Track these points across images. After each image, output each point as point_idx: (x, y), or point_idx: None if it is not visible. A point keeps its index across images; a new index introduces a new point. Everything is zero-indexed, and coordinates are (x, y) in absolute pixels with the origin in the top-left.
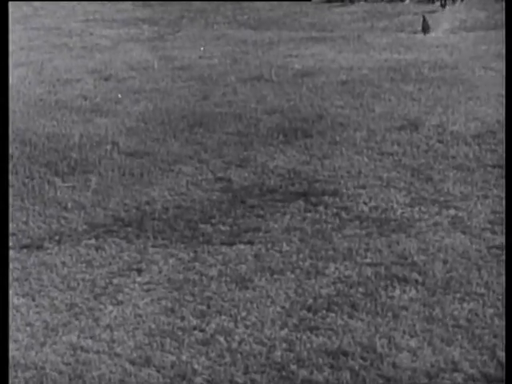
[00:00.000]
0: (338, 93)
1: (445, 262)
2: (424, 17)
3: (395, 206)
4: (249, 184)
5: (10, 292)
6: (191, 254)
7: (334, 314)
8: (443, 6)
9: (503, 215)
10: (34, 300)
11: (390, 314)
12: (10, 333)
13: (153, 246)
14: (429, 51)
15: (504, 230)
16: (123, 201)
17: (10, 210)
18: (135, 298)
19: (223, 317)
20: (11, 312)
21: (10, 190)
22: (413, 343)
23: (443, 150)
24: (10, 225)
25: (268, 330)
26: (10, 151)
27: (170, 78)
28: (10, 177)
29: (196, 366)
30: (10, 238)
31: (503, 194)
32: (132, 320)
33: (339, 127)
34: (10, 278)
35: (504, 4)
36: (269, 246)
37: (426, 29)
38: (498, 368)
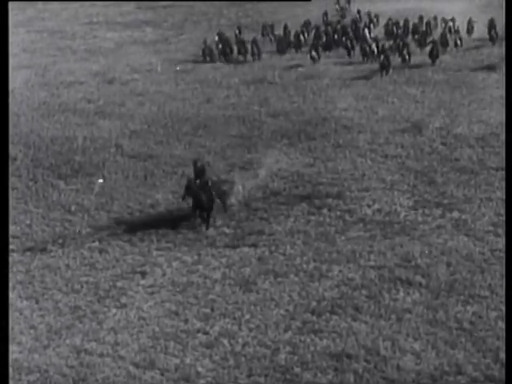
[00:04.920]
0: (342, 95)
1: (448, 264)
2: (195, 162)
3: (399, 208)
4: (252, 187)
5: (14, 295)
6: (195, 257)
7: (337, 317)
8: (385, 71)
9: None
10: (37, 303)
11: (393, 316)
12: (14, 335)
13: (156, 249)
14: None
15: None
16: (127, 203)
17: (14, 212)
18: (139, 300)
19: (227, 320)
20: (15, 315)
21: (14, 193)
22: (417, 346)
23: (446, 152)
24: (14, 228)
25: (272, 333)
26: (14, 154)
27: (173, 81)
28: (14, 179)
29: (200, 369)
30: (14, 240)
31: None
32: (136, 323)
33: (343, 130)
34: (14, 281)
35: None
36: (272, 248)
37: None
38: (502, 370)
